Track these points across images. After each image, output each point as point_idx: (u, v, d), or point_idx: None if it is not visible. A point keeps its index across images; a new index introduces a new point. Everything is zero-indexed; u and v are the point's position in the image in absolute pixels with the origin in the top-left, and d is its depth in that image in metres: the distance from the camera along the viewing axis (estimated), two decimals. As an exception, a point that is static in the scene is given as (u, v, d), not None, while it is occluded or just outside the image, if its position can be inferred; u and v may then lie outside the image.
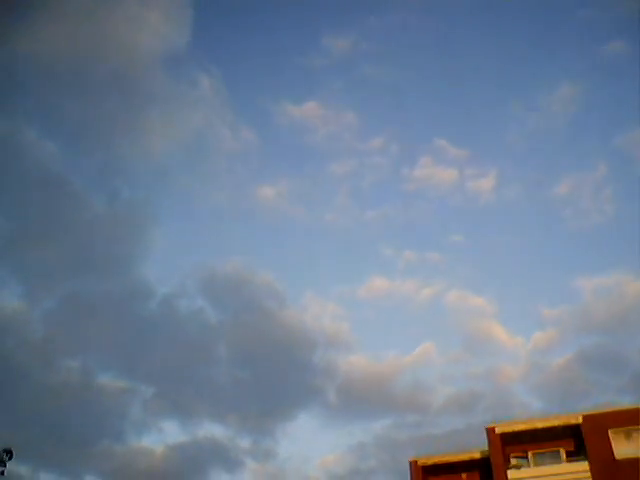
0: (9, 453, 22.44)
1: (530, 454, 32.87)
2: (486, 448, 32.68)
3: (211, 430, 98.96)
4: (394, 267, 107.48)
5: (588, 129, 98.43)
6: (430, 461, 34.01)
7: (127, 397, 78.54)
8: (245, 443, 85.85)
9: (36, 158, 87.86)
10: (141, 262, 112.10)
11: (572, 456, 31.80)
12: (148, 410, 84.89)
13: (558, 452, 32.45)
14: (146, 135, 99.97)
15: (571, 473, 30.69)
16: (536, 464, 32.43)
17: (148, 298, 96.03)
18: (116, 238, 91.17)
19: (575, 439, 31.79)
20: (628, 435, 30.42)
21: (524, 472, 31.83)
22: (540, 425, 32.10)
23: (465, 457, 33.68)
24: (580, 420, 31.30)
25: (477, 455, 33.29)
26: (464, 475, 34.12)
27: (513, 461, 32.61)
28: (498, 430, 32.37)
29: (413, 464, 34.01)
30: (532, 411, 67.27)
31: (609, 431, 30.49)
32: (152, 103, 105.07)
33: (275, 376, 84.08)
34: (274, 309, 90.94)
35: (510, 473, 31.63)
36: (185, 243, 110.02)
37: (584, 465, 30.41)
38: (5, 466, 22.05)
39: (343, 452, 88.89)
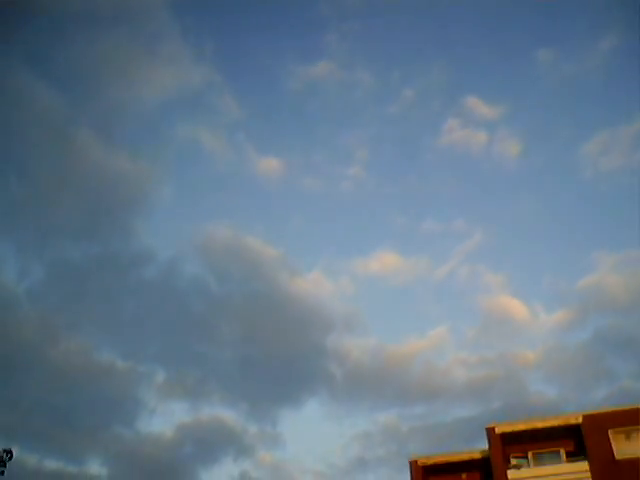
0: (9, 453, 22.40)
1: (530, 454, 32.87)
2: (486, 448, 32.71)
3: (218, 413, 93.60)
4: (409, 241, 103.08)
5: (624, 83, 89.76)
6: (430, 461, 34.02)
7: (131, 379, 76.85)
8: (252, 428, 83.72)
9: (33, 104, 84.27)
10: (141, 227, 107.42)
11: (572, 456, 31.79)
12: (153, 392, 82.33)
13: (558, 452, 32.44)
14: (143, 86, 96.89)
15: (571, 473, 30.70)
16: (536, 464, 32.42)
17: (148, 265, 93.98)
18: (116, 195, 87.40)
19: (575, 439, 31.80)
20: (628, 435, 30.42)
21: (524, 472, 31.85)
22: (540, 425, 32.11)
23: (465, 457, 33.68)
24: (580, 420, 31.31)
25: (477, 455, 33.29)
26: (464, 475, 34.11)
27: (513, 461, 32.61)
28: (498, 430, 32.39)
29: (413, 464, 34.03)
30: (548, 398, 65.60)
31: (609, 431, 30.49)
32: (155, 54, 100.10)
33: (281, 356, 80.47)
34: (281, 285, 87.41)
35: (510, 473, 31.66)
36: (186, 211, 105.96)
37: (584, 465, 30.42)
38: (5, 466, 22.01)
39: (350, 441, 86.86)
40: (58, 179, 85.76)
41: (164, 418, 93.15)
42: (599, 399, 61.30)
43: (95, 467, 79.67)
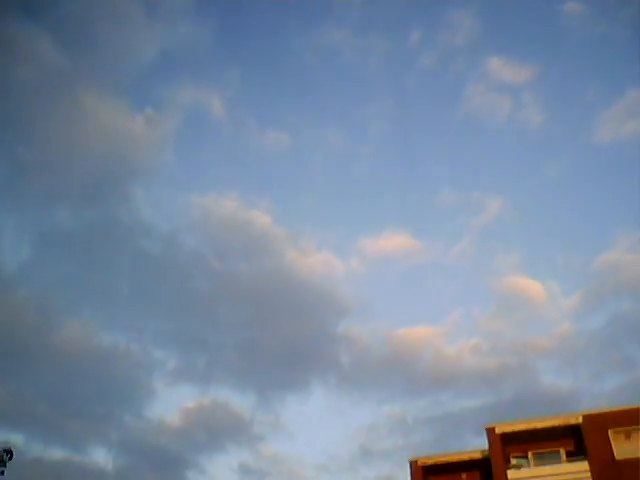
0: (9, 453, 22.47)
1: (530, 454, 32.89)
2: (486, 448, 32.71)
3: (222, 400, 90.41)
4: (423, 219, 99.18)
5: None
6: (430, 461, 34.02)
7: (134, 364, 75.14)
8: (257, 416, 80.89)
9: (36, 60, 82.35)
10: (142, 196, 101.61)
11: (572, 456, 31.80)
12: (154, 377, 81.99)
13: (558, 452, 32.45)
14: (146, 45, 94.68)
15: (571, 473, 30.69)
16: (536, 464, 32.43)
17: (149, 239, 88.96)
18: (118, 161, 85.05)
19: (575, 439, 31.81)
20: (628, 435, 30.42)
21: (524, 472, 31.85)
22: (540, 425, 32.10)
23: (465, 457, 33.68)
24: (580, 420, 31.31)
25: (477, 455, 33.30)
26: (464, 475, 34.11)
27: (513, 461, 32.62)
28: (498, 430, 32.39)
29: (413, 464, 34.03)
30: (562, 387, 64.28)
31: (609, 431, 30.49)
32: (155, 11, 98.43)
33: (287, 340, 77.77)
34: (289, 264, 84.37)
35: (510, 473, 31.66)
36: (189, 181, 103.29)
37: (584, 465, 30.41)
38: (5, 466, 22.07)
39: (355, 432, 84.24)
40: (62, 142, 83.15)
41: (166, 404, 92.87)
42: (615, 388, 59.15)
43: (100, 456, 79.82)
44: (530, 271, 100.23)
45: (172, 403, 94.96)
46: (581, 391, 65.91)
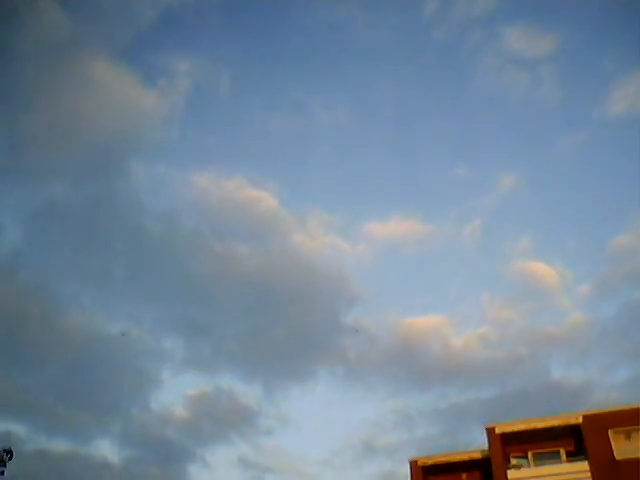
0: (9, 453, 22.43)
1: (530, 454, 32.89)
2: (486, 448, 32.71)
3: (224, 388, 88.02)
4: (435, 200, 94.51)
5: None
6: (430, 461, 34.02)
7: (136, 351, 73.09)
8: (260, 407, 79.03)
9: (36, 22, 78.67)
10: (142, 172, 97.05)
11: (572, 456, 31.80)
12: (160, 365, 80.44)
13: (558, 452, 32.46)
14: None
15: (571, 473, 30.68)
16: (536, 464, 32.43)
17: (148, 216, 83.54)
18: (118, 132, 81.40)
19: (575, 439, 31.81)
20: (628, 435, 30.41)
21: (524, 472, 31.84)
22: (540, 425, 32.10)
23: (465, 457, 33.69)
24: (580, 420, 31.31)
25: (477, 455, 33.30)
26: (464, 475, 34.11)
27: (513, 461, 32.63)
28: (498, 430, 32.39)
29: (413, 464, 34.04)
30: (573, 379, 63.40)
31: (609, 431, 30.48)
32: None
33: (292, 328, 75.82)
34: (292, 247, 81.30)
35: (510, 473, 31.66)
36: (192, 158, 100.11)
37: (584, 465, 30.41)
38: (5, 466, 22.04)
39: (358, 425, 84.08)
40: (63, 113, 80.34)
41: (170, 395, 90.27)
42: (627, 380, 57.49)
43: (104, 447, 79.01)
44: (542, 255, 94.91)
45: (176, 393, 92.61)
46: (592, 383, 64.40)
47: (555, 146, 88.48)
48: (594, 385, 63.25)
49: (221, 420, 71.47)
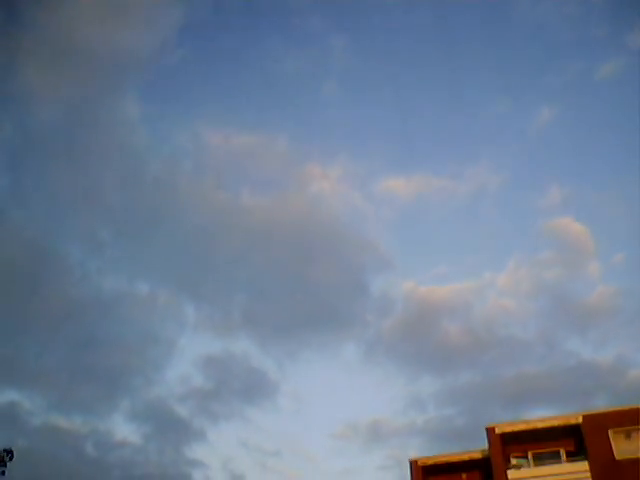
0: (9, 453, 22.45)
1: (530, 454, 32.89)
2: (486, 448, 32.71)
3: (237, 351, 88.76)
4: (458, 148, 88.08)
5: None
6: (430, 461, 34.02)
7: (145, 310, 72.00)
8: (275, 376, 78.93)
9: None
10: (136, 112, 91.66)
11: (572, 456, 31.81)
12: (162, 323, 77.76)
13: (558, 452, 32.46)
14: None
15: (571, 473, 30.69)
16: (536, 464, 32.43)
17: (152, 159, 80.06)
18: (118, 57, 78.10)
19: (575, 439, 31.81)
20: (628, 435, 30.40)
21: (524, 472, 31.84)
22: (540, 425, 32.11)
23: (465, 457, 33.68)
24: (580, 420, 31.30)
25: (477, 455, 33.29)
26: (464, 475, 34.11)
27: (513, 461, 32.63)
28: (498, 430, 32.38)
29: (413, 464, 34.03)
30: (603, 360, 58.46)
31: (609, 431, 30.48)
32: None
33: (306, 290, 72.77)
34: (312, 199, 77.36)
35: (510, 473, 31.66)
36: (198, 93, 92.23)
37: (584, 465, 30.41)
38: (5, 466, 22.05)
39: (372, 404, 79.15)
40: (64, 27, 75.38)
41: (181, 365, 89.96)
42: None
43: (119, 422, 78.25)
44: (575, 212, 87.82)
45: (187, 364, 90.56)
46: (626, 361, 61.37)
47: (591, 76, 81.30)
48: (628, 363, 60.06)
49: (232, 394, 70.08)
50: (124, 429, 79.64)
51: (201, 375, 75.68)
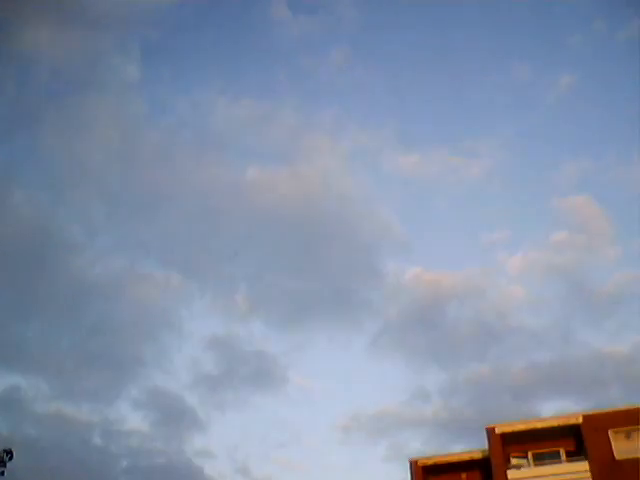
0: (9, 453, 22.42)
1: (530, 454, 32.88)
2: (486, 448, 32.69)
3: (247, 334, 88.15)
4: (479, 121, 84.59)
5: None
6: (430, 461, 34.00)
7: (146, 290, 71.39)
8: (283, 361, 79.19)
9: None
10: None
11: (572, 456, 31.80)
12: (176, 308, 77.14)
13: (558, 452, 32.45)
14: None
15: (571, 473, 30.67)
16: (536, 464, 32.42)
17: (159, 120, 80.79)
18: None
19: (575, 439, 31.79)
20: (628, 435, 30.40)
21: (524, 472, 31.83)
22: (540, 425, 32.11)
23: (465, 457, 33.67)
24: (580, 420, 31.29)
25: (477, 455, 33.27)
26: (464, 475, 34.09)
27: (513, 461, 32.62)
28: (498, 430, 32.38)
29: (413, 464, 34.02)
30: (621, 350, 56.87)
31: (609, 431, 30.46)
32: None
33: (312, 269, 72.00)
34: (322, 174, 75.59)
35: (510, 473, 31.65)
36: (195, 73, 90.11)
37: (584, 465, 30.39)
38: (5, 466, 22.02)
39: (378, 393, 79.97)
40: None
41: (187, 347, 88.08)
42: None
43: (126, 410, 78.06)
44: (593, 192, 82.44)
45: (194, 349, 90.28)
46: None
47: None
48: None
49: (239, 380, 70.07)
50: (131, 416, 79.92)
51: (209, 361, 75.99)
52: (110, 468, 55.88)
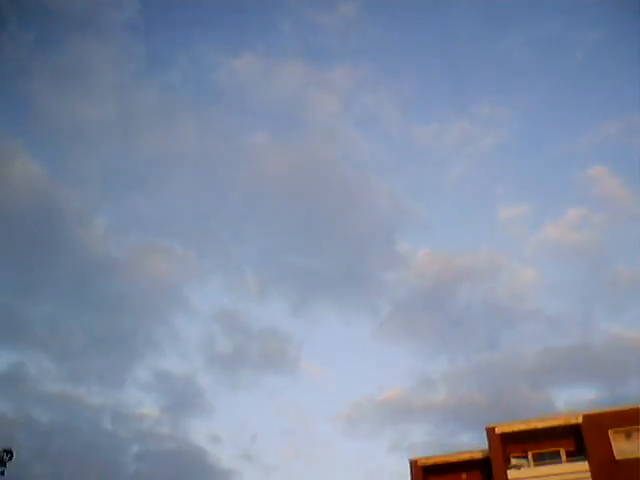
0: (9, 453, 22.39)
1: (530, 454, 32.88)
2: (486, 448, 32.69)
3: (257, 311, 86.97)
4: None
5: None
6: (430, 461, 33.99)
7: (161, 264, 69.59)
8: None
9: None
10: None
11: (572, 456, 31.80)
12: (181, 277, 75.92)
13: (558, 452, 32.45)
14: None
15: (571, 473, 30.67)
16: (536, 464, 32.42)
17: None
18: None
19: (575, 439, 31.80)
20: (628, 435, 30.39)
21: (524, 472, 31.83)
22: (540, 425, 32.10)
23: (465, 457, 33.66)
24: (580, 420, 31.29)
25: (477, 455, 33.26)
26: (464, 475, 34.08)
27: (513, 461, 32.61)
28: (498, 430, 32.38)
29: (413, 464, 34.01)
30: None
31: (609, 431, 30.46)
32: None
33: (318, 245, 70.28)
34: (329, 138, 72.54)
35: (510, 473, 31.65)
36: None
37: (584, 465, 30.39)
38: (5, 466, 21.99)
39: (385, 380, 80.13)
40: None
41: (196, 325, 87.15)
42: None
43: (135, 391, 77.98)
44: (614, 163, 77.83)
45: (203, 328, 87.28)
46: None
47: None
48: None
49: (249, 361, 69.28)
50: (140, 399, 79.02)
51: (218, 341, 73.93)
52: (119, 453, 55.45)
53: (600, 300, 61.86)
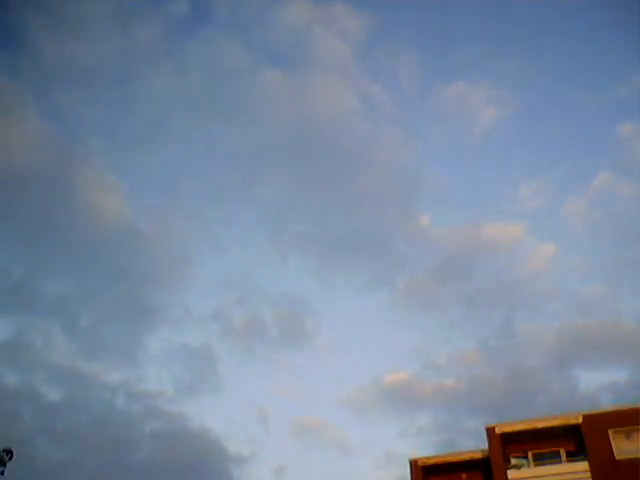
0: (9, 453, 22.41)
1: (530, 454, 32.86)
2: (486, 448, 32.68)
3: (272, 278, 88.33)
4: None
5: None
6: (430, 461, 33.97)
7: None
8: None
9: None
10: None
11: (572, 456, 31.79)
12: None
13: (558, 452, 32.44)
14: None
15: (571, 473, 30.66)
16: (536, 464, 32.41)
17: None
18: None
19: (575, 439, 31.79)
20: (628, 435, 30.38)
21: (524, 472, 31.82)
22: (540, 425, 32.09)
23: (465, 457, 33.64)
24: (580, 420, 31.28)
25: (477, 455, 33.23)
26: (464, 475, 34.07)
27: (513, 461, 32.60)
28: (498, 430, 32.37)
29: (413, 464, 34.00)
30: None
31: (609, 431, 30.45)
32: None
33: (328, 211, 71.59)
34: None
35: (510, 473, 31.63)
36: None
37: (584, 465, 30.39)
38: (5, 466, 22.01)
39: (393, 360, 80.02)
40: None
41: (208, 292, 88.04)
42: None
43: (149, 366, 79.75)
44: None
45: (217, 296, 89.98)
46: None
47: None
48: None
49: (265, 334, 69.81)
50: (153, 373, 78.19)
51: (233, 312, 75.58)
52: (133, 430, 54.95)
53: (628, 277, 62.50)
